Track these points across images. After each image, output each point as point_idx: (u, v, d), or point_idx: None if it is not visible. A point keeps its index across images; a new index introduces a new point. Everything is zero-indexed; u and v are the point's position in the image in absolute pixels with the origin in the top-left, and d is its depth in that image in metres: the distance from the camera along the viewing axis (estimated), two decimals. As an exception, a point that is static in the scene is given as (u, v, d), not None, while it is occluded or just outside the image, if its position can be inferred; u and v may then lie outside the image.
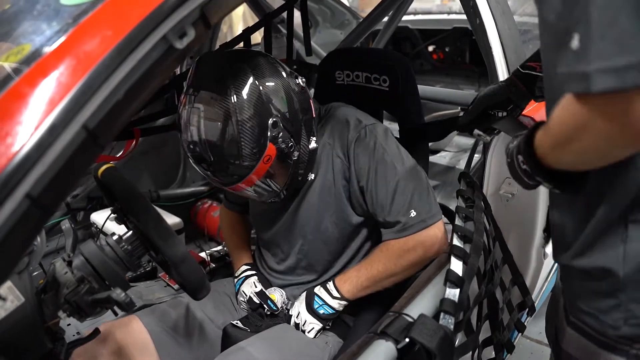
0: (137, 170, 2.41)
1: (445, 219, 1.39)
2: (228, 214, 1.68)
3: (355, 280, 1.30)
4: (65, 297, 0.98)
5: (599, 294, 0.80)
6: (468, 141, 2.84)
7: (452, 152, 2.76)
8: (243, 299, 1.43)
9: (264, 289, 1.41)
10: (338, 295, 1.29)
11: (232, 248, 1.64)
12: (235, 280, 1.50)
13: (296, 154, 1.21)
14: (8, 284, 0.85)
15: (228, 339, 1.33)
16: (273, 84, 1.15)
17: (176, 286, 1.78)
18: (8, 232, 0.56)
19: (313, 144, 1.26)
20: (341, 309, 1.31)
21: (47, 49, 0.62)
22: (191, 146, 1.14)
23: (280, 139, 1.15)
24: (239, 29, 4.81)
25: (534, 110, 1.38)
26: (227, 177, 1.18)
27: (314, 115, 1.26)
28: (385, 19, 2.52)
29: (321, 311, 1.30)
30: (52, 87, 0.58)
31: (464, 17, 1.74)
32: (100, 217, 2.12)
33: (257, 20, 2.02)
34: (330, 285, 1.32)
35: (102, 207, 2.21)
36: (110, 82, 0.64)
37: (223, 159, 1.13)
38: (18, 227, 0.57)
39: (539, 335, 2.22)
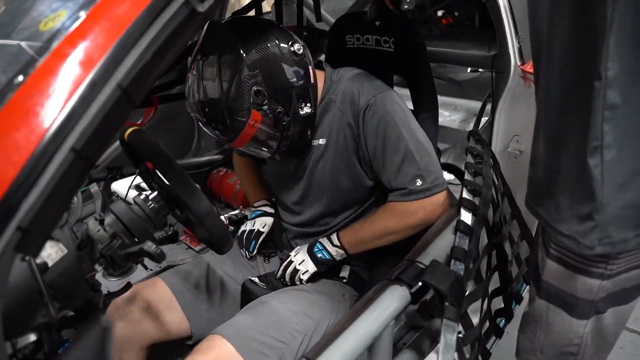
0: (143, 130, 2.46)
1: (453, 177, 1.44)
2: (242, 159, 1.74)
3: (356, 233, 1.36)
4: (100, 251, 1.06)
5: (579, 218, 0.88)
6: (477, 105, 2.85)
7: (462, 115, 2.78)
8: (245, 229, 1.54)
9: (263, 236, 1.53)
10: (338, 244, 1.36)
11: (248, 184, 1.71)
12: (253, 209, 1.58)
13: (286, 118, 1.25)
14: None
15: (247, 293, 1.40)
16: (260, 52, 1.19)
17: (197, 247, 1.87)
18: (57, 182, 0.62)
19: (306, 110, 1.28)
20: (338, 258, 1.37)
21: (82, 14, 0.67)
22: (190, 107, 1.26)
23: (266, 106, 1.20)
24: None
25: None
26: (222, 136, 1.27)
27: (312, 81, 1.28)
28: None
29: (319, 255, 1.36)
30: (91, 48, 0.63)
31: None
32: (120, 186, 2.19)
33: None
34: (333, 235, 1.38)
35: (121, 176, 2.28)
36: (140, 45, 0.68)
37: (212, 121, 1.23)
38: (65, 177, 0.63)
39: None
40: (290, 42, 1.24)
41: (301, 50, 1.25)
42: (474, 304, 1.31)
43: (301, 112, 1.27)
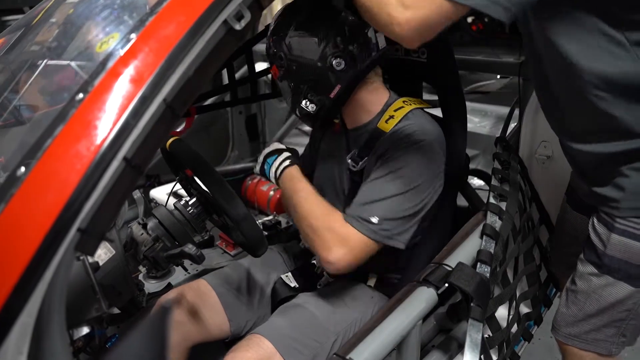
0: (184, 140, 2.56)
1: (483, 183, 1.46)
2: None
3: (291, 190, 1.29)
4: (144, 253, 1.14)
5: None
6: (507, 110, 2.85)
7: (491, 121, 2.79)
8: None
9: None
10: (276, 176, 1.32)
11: None
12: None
13: (291, 94, 1.31)
14: (100, 239, 1.00)
15: (277, 294, 1.47)
16: (304, 40, 1.24)
17: (233, 252, 1.94)
18: (112, 187, 0.69)
19: (308, 107, 1.29)
20: (271, 180, 1.34)
21: (133, 35, 0.74)
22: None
23: (281, 72, 1.29)
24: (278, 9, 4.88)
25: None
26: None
27: (331, 95, 1.27)
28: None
29: (265, 167, 1.36)
30: (141, 67, 0.70)
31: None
32: (158, 192, 2.29)
33: None
34: (282, 165, 1.32)
35: (159, 184, 2.39)
36: (184, 62, 0.75)
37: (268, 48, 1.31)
38: (118, 183, 0.70)
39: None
40: (336, 56, 1.25)
41: (338, 67, 1.26)
42: (501, 309, 1.33)
43: (302, 105, 1.30)
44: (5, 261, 0.62)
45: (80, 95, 0.69)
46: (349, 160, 1.35)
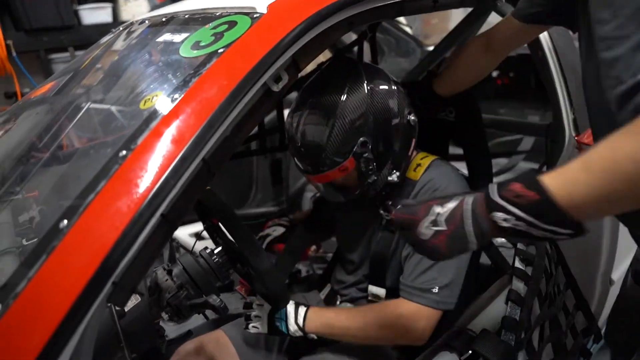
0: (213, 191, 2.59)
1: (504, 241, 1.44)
2: None
3: (327, 325, 1.26)
4: (167, 300, 1.14)
5: None
6: (533, 166, 2.84)
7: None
8: None
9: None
10: (301, 325, 1.27)
11: None
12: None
13: (373, 177, 1.24)
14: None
15: (295, 346, 1.43)
16: (383, 105, 1.20)
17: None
18: (147, 242, 0.71)
19: (393, 177, 1.27)
20: (296, 335, 1.27)
21: (176, 95, 0.78)
22: (293, 138, 1.23)
23: (363, 159, 1.20)
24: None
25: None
26: (309, 166, 1.23)
27: (409, 153, 1.29)
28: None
29: (277, 323, 1.28)
30: (183, 128, 0.73)
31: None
32: (181, 233, 2.32)
33: (328, 56, 2.15)
34: (301, 310, 1.28)
35: (182, 224, 2.41)
36: (224, 123, 0.78)
37: (309, 149, 1.19)
38: (154, 238, 0.72)
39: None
40: (409, 111, 1.26)
41: (414, 123, 1.27)
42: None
43: (388, 178, 1.27)
44: (44, 312, 0.64)
45: (124, 152, 0.72)
46: (382, 211, 1.33)
